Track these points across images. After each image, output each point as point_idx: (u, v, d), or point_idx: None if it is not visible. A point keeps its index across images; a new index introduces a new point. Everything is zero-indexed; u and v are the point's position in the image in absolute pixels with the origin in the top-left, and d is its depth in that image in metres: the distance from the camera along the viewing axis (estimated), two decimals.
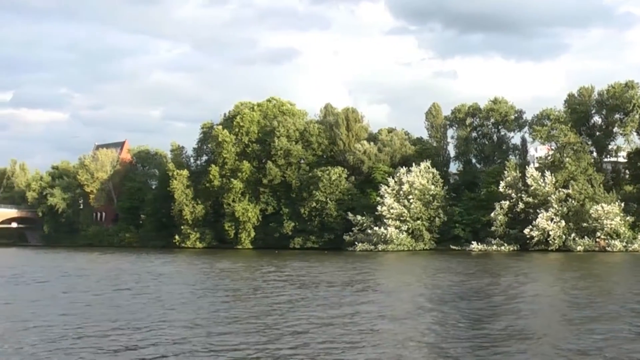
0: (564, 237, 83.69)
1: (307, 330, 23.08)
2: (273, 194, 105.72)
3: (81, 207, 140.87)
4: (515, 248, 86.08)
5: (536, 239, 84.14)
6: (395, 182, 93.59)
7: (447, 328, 23.44)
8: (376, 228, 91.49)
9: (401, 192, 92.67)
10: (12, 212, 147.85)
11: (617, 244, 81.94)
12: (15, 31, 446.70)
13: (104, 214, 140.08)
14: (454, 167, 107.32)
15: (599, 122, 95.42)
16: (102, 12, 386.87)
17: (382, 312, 27.83)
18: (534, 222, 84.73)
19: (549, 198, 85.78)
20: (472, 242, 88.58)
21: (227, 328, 23.65)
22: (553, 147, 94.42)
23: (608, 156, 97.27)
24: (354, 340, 21.00)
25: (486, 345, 19.78)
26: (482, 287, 38.59)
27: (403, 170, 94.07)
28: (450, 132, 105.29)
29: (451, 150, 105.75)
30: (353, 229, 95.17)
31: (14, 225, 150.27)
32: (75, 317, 26.94)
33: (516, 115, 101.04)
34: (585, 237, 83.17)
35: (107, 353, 19.57)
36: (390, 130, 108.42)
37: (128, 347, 20.71)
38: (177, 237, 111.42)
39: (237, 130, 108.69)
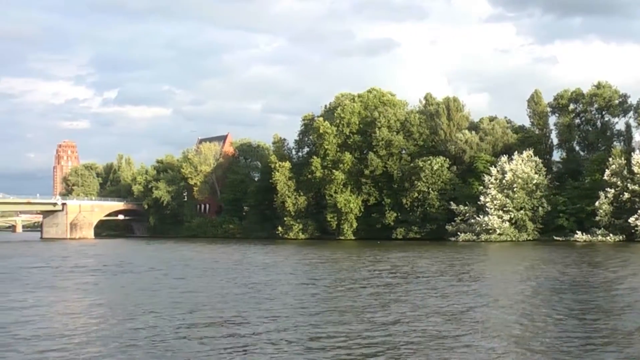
0: None
1: (406, 319, 24.24)
2: (375, 185, 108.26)
3: (185, 199, 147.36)
4: (621, 238, 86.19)
5: None
6: (497, 171, 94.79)
7: (548, 320, 24.16)
8: (479, 218, 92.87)
9: (504, 182, 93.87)
10: (119, 205, 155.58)
11: None
12: (116, 32, 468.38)
13: (207, 205, 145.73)
14: (556, 155, 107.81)
15: None
16: (199, 10, 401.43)
17: (485, 303, 28.82)
18: (639, 211, 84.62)
19: None
20: (577, 232, 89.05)
21: (328, 317, 24.90)
22: None
23: None
24: (452, 330, 21.77)
25: (584, 339, 20.45)
26: (586, 279, 39.22)
27: (505, 159, 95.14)
28: (553, 119, 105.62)
29: (554, 138, 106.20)
30: (455, 219, 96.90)
31: (121, 217, 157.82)
32: (187, 303, 29.16)
33: (620, 99, 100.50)
34: None
35: (202, 336, 21.19)
36: (491, 119, 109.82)
37: (230, 329, 22.84)
38: (280, 228, 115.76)
39: (338, 121, 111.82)
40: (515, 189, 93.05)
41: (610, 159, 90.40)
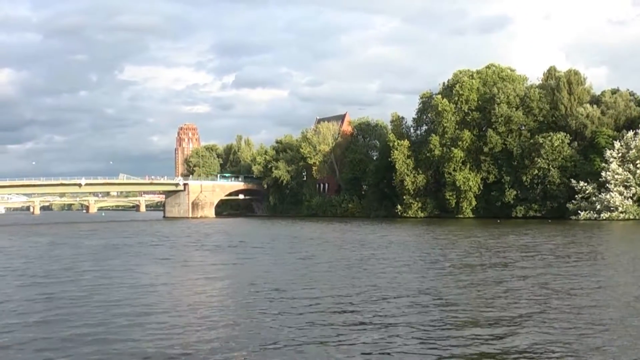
0: None
1: (517, 300, 23.41)
2: (494, 162, 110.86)
3: (304, 178, 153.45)
4: None
5: None
6: (621, 145, 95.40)
7: None
8: (600, 195, 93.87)
9: (627, 157, 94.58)
10: (239, 185, 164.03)
11: None
12: (237, 18, 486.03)
13: (326, 185, 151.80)
14: None
15: None
16: None
17: (600, 285, 27.31)
18: None
19: None
20: None
21: (449, 298, 24.26)
22: None
23: None
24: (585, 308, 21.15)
25: None
26: None
27: (630, 133, 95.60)
28: None
29: None
30: (576, 196, 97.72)
31: (241, 196, 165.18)
32: (305, 278, 30.42)
33: None
34: None
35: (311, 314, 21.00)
36: (614, 92, 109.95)
37: (349, 306, 22.69)
38: (399, 206, 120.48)
39: (456, 98, 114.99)
40: (638, 164, 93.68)
41: None
